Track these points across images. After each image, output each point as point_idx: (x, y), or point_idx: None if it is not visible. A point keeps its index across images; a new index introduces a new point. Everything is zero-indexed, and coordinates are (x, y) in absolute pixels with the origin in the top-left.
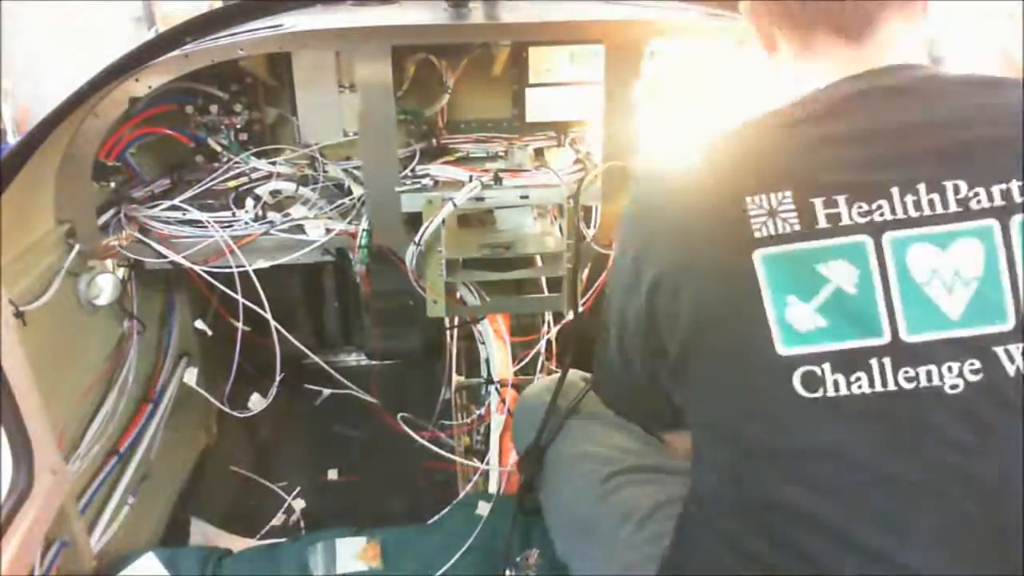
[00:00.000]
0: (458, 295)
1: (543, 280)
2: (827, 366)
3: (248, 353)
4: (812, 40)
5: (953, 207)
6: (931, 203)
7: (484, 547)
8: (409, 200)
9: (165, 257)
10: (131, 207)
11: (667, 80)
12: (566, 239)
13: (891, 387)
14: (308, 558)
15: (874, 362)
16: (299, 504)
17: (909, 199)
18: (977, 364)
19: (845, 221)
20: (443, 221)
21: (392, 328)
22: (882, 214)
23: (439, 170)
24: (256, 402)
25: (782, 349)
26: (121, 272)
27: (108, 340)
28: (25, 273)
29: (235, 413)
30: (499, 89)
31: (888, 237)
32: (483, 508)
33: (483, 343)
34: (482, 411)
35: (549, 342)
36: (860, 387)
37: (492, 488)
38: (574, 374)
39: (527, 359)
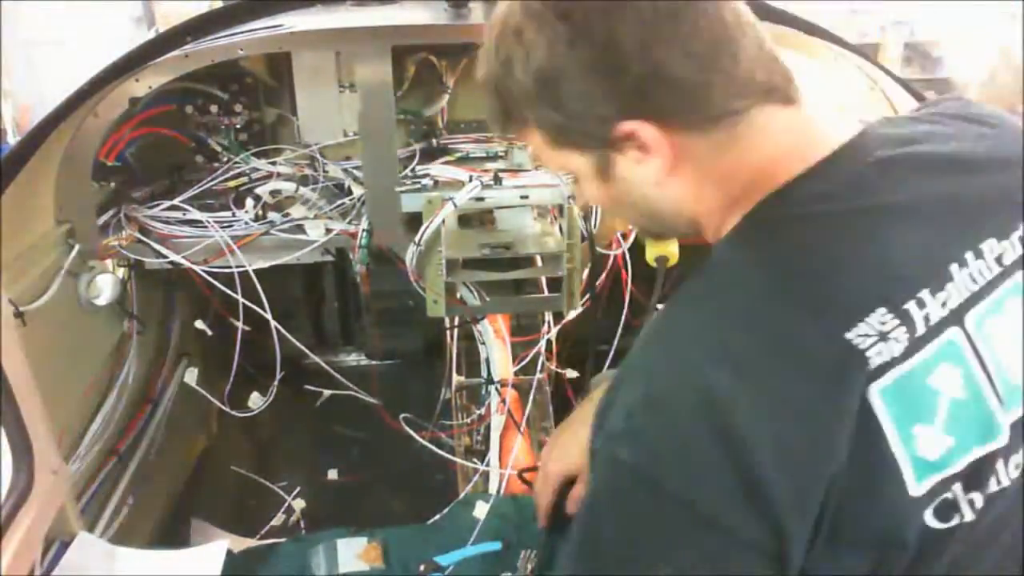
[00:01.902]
0: (458, 295)
1: (543, 280)
2: (958, 487)
3: (248, 353)
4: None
5: (995, 268)
6: (981, 271)
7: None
8: (409, 200)
9: (165, 257)
10: (131, 207)
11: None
12: (566, 239)
13: (1004, 483)
14: (310, 559)
15: (1000, 465)
16: (299, 504)
17: (966, 272)
18: None
19: (935, 319)
20: (443, 221)
21: (392, 328)
22: (956, 297)
23: (439, 170)
24: (256, 402)
25: (915, 489)
26: (121, 272)
27: (108, 340)
28: (25, 273)
29: (235, 413)
30: None
31: (970, 319)
32: (480, 509)
33: (483, 343)
34: (482, 411)
35: (549, 342)
36: (990, 490)
37: (492, 488)
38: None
39: (527, 359)
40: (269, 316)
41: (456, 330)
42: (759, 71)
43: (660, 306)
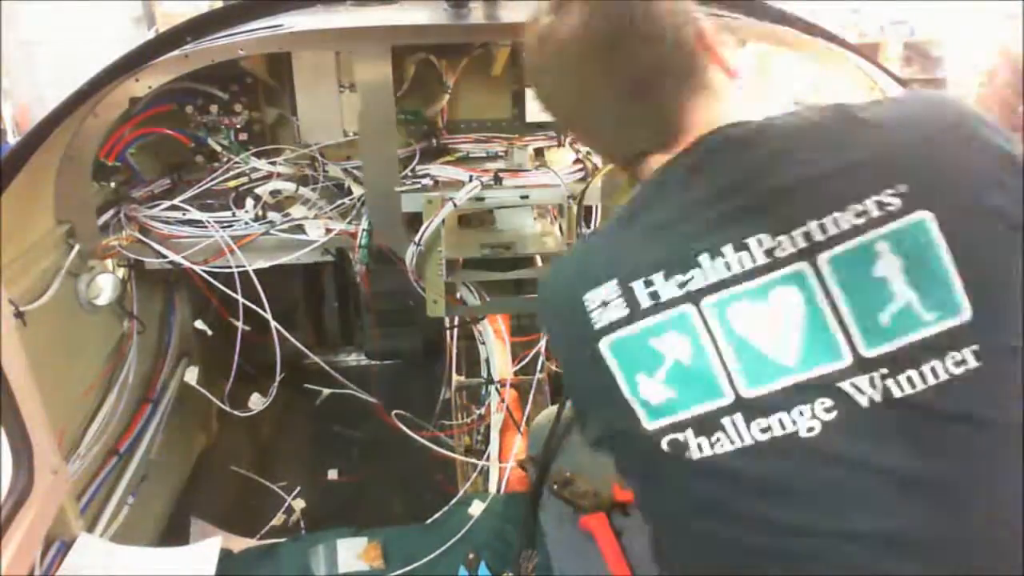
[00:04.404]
0: (458, 295)
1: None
2: (689, 432)
3: (248, 353)
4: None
5: (761, 260)
6: (740, 261)
7: (485, 546)
8: (409, 200)
9: (165, 257)
10: (131, 207)
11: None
12: (566, 239)
13: (748, 441)
14: (310, 558)
15: (727, 421)
16: (299, 504)
17: (719, 262)
18: (829, 403)
19: (665, 296)
20: (443, 221)
21: (392, 328)
22: (696, 282)
23: (439, 170)
24: (256, 402)
25: (647, 423)
26: (121, 272)
27: (108, 340)
28: (25, 273)
29: (235, 413)
30: (499, 89)
31: (706, 302)
32: (476, 508)
33: (483, 343)
34: (482, 411)
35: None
36: (722, 447)
37: (492, 487)
38: None
39: (527, 359)
40: (269, 316)
41: (456, 330)
42: (639, 134)
43: None
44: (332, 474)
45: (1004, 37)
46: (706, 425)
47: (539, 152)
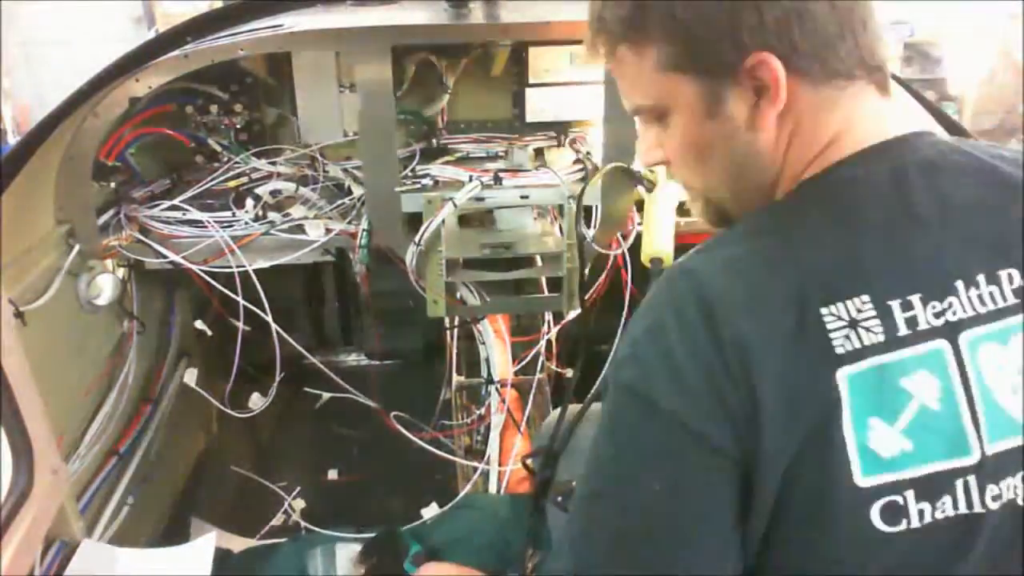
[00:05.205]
0: (458, 295)
1: (543, 280)
2: (911, 494)
3: (248, 353)
4: (832, 84)
5: (1011, 299)
6: (992, 296)
7: (485, 546)
8: (409, 200)
9: (165, 257)
10: (131, 207)
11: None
12: (566, 239)
13: (977, 508)
14: (307, 560)
15: (959, 483)
16: (299, 504)
17: (973, 293)
18: None
19: (923, 325)
20: (443, 221)
21: (392, 328)
22: (955, 312)
23: (439, 170)
24: (256, 402)
25: (861, 480)
26: (121, 272)
27: (108, 340)
28: (25, 273)
29: (235, 413)
30: (499, 89)
31: (965, 338)
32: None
33: (483, 343)
34: (482, 411)
35: (549, 342)
36: (944, 512)
37: (492, 488)
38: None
39: (527, 359)
40: (269, 316)
41: (456, 330)
42: (878, 47)
43: None
44: (332, 474)
45: (1004, 37)
46: (934, 487)
47: (539, 152)
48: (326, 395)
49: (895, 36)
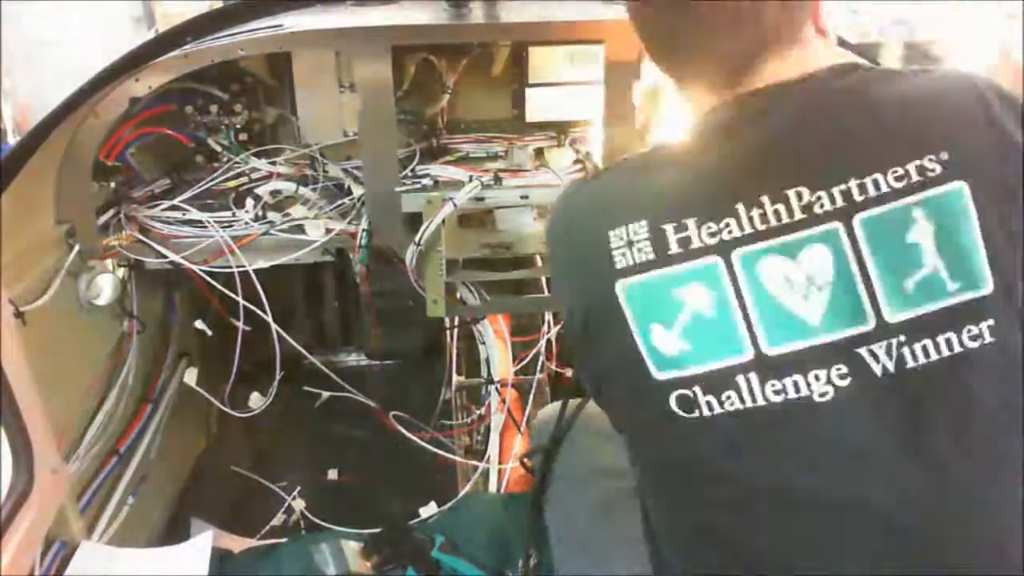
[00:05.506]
0: (458, 295)
1: (543, 280)
2: (698, 388)
3: (248, 353)
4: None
5: (798, 215)
6: (776, 214)
7: (485, 546)
8: (409, 200)
9: (165, 257)
10: (131, 207)
11: (667, 80)
12: None
13: (760, 402)
14: (313, 556)
15: (740, 379)
16: (299, 504)
17: (755, 213)
18: (844, 369)
19: (695, 244)
20: (443, 221)
21: (392, 328)
22: (730, 232)
23: (439, 170)
24: (256, 402)
25: (657, 374)
26: (121, 272)
27: (108, 340)
28: (25, 273)
29: (235, 413)
30: (499, 89)
31: (737, 254)
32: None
33: (483, 343)
34: (482, 411)
35: (549, 342)
36: (732, 404)
37: (492, 487)
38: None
39: (527, 359)
40: (269, 316)
41: (456, 330)
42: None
43: None
44: (332, 474)
45: (1004, 37)
46: (717, 382)
47: (539, 152)
48: (326, 394)
49: (895, 36)
